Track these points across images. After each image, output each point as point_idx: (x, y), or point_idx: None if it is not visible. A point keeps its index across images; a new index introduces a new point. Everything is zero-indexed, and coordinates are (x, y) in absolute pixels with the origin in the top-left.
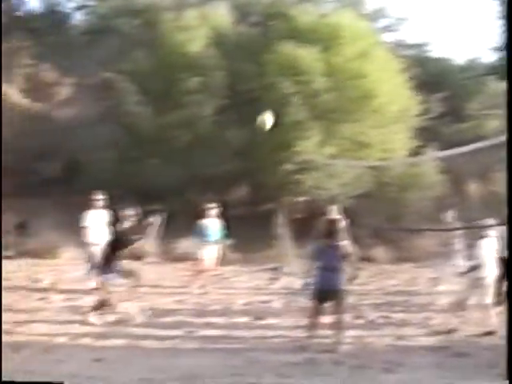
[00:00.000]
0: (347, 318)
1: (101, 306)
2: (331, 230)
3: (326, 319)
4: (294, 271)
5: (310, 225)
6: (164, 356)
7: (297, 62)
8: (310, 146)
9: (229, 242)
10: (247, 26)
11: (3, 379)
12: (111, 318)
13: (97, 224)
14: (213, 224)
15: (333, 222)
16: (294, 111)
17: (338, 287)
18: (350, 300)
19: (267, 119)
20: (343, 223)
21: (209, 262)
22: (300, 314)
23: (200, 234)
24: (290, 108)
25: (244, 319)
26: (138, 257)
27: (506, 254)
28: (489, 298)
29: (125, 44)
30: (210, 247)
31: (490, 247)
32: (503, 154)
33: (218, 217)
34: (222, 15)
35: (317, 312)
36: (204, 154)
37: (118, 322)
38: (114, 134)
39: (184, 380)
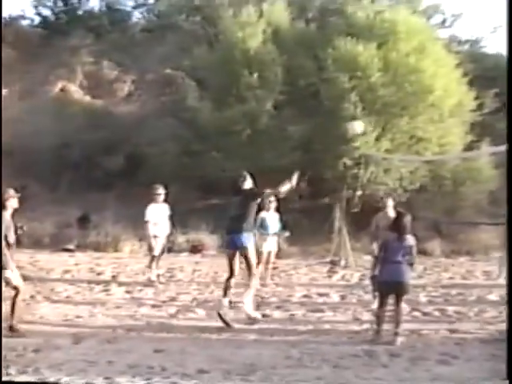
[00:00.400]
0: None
1: None
2: (398, 224)
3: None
4: (351, 264)
5: (367, 219)
6: (224, 347)
7: (355, 58)
8: (367, 140)
9: (286, 234)
10: (305, 21)
11: (3, 379)
12: (172, 309)
13: (158, 218)
14: (271, 217)
15: (401, 215)
16: (352, 106)
17: (404, 280)
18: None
19: (357, 126)
20: (409, 217)
21: (268, 255)
22: (357, 306)
23: (259, 226)
24: (349, 103)
25: (302, 311)
26: (197, 250)
27: None
28: None
29: (185, 40)
30: (269, 240)
31: None
32: None
33: (277, 210)
34: (280, 11)
35: (382, 305)
36: (264, 147)
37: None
38: (175, 129)
39: (244, 371)
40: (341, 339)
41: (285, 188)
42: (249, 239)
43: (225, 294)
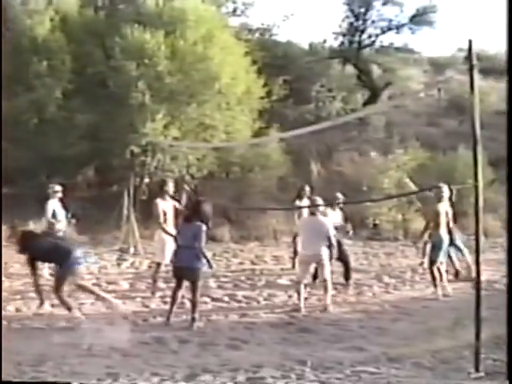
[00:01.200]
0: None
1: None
2: (191, 211)
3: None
4: (140, 252)
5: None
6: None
7: (142, 46)
8: (155, 128)
9: (72, 221)
10: (94, 9)
11: (3, 379)
12: None
13: None
14: (57, 205)
15: (197, 203)
16: (140, 94)
17: (195, 266)
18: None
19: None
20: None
21: None
22: (146, 293)
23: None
24: (136, 91)
25: (91, 300)
26: None
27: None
28: (327, 274)
29: None
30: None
31: (311, 225)
32: (346, 134)
33: (63, 199)
34: None
35: (176, 289)
36: (51, 136)
37: None
38: None
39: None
40: (130, 327)
41: None
42: None
43: None
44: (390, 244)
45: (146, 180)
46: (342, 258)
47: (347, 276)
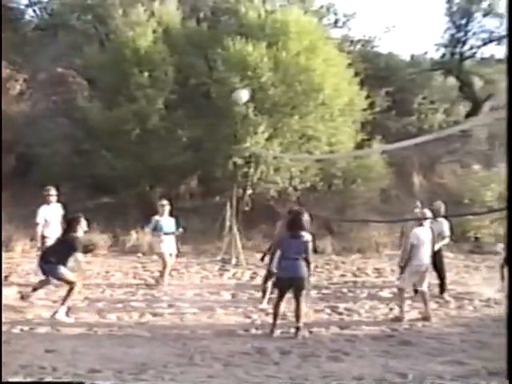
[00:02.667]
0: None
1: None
2: (296, 221)
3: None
4: (242, 263)
5: (257, 217)
6: (116, 346)
7: (244, 58)
8: (258, 139)
9: (180, 230)
10: (196, 21)
11: (3, 379)
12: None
13: (50, 219)
14: (166, 221)
15: (298, 213)
16: (243, 105)
17: (302, 275)
18: None
19: (243, 94)
20: (307, 215)
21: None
22: (248, 305)
23: (153, 230)
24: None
25: (193, 310)
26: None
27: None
28: (425, 285)
29: (77, 39)
30: (166, 242)
31: (424, 236)
32: (449, 146)
33: (171, 212)
34: (171, 10)
35: (279, 299)
36: (154, 147)
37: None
38: (65, 128)
39: (136, 370)
40: (231, 337)
41: None
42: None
43: None
44: (491, 257)
45: (249, 191)
46: (438, 268)
47: (442, 288)
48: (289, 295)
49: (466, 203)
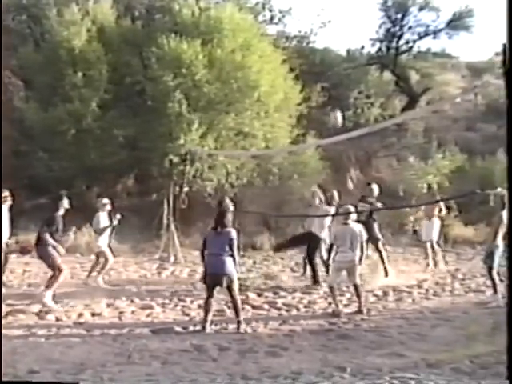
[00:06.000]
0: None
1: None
2: (220, 218)
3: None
4: (180, 261)
5: (194, 215)
6: (54, 347)
7: (179, 56)
8: (193, 136)
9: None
10: (131, 19)
11: (3, 379)
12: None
13: None
14: (104, 217)
15: (222, 209)
16: (178, 104)
17: (227, 272)
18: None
19: (339, 117)
20: (230, 211)
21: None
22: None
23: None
24: (174, 100)
25: (131, 309)
26: (27, 250)
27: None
28: (357, 279)
29: (11, 40)
30: (102, 238)
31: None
32: (385, 140)
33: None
34: (105, 9)
35: (209, 296)
36: (89, 146)
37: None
38: (3, 129)
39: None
40: (170, 335)
41: None
42: None
43: None
44: None
45: (186, 189)
46: None
47: None
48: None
49: (403, 196)
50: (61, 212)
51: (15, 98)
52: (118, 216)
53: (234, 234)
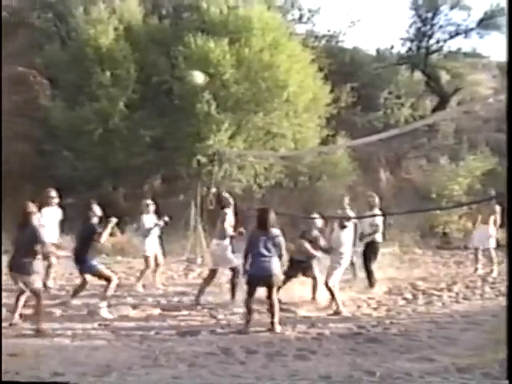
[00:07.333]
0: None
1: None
2: (263, 219)
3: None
4: (207, 262)
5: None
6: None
7: (206, 55)
8: (222, 137)
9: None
10: (158, 18)
11: (3, 379)
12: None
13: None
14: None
15: (264, 211)
16: (206, 103)
17: (273, 273)
18: None
19: (198, 75)
20: (273, 212)
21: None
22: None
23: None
24: (202, 100)
25: (158, 311)
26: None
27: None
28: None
29: (38, 38)
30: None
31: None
32: (415, 141)
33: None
34: (133, 7)
35: (251, 296)
36: (116, 147)
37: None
38: (26, 128)
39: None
40: (196, 337)
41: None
42: None
43: None
44: (460, 253)
45: (213, 190)
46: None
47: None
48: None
49: (433, 198)
50: (95, 221)
51: (41, 97)
52: (166, 218)
53: (278, 233)
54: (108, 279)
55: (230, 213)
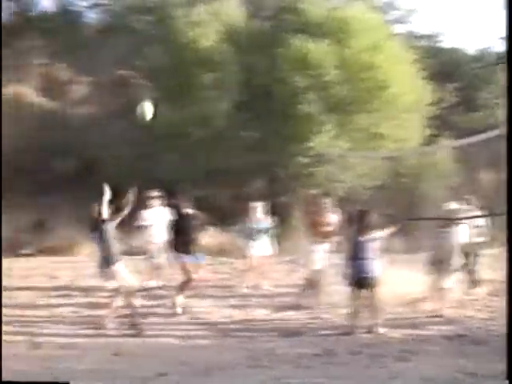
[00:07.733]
0: None
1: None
2: (364, 221)
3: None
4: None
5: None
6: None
7: (308, 56)
8: (323, 138)
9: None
10: (259, 20)
11: (3, 379)
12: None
13: (154, 222)
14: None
15: (364, 213)
16: (307, 105)
17: (373, 275)
18: None
19: (147, 108)
20: (374, 215)
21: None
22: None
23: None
24: (303, 101)
25: (263, 311)
26: None
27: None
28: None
29: (138, 41)
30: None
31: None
32: None
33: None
34: (234, 10)
35: (355, 298)
36: (220, 148)
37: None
38: (129, 131)
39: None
40: (300, 338)
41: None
42: None
43: None
44: None
45: (314, 191)
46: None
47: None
48: None
49: None
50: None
51: (142, 100)
52: (275, 219)
53: (379, 236)
54: (189, 278)
55: (329, 215)
